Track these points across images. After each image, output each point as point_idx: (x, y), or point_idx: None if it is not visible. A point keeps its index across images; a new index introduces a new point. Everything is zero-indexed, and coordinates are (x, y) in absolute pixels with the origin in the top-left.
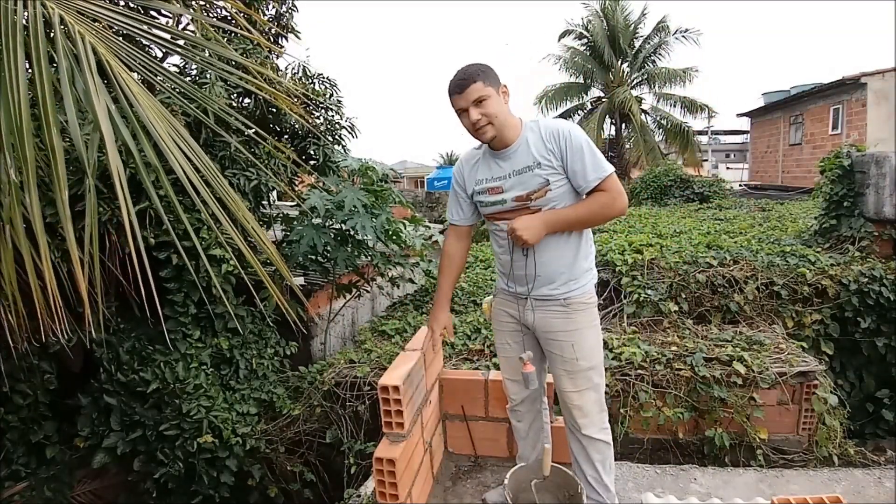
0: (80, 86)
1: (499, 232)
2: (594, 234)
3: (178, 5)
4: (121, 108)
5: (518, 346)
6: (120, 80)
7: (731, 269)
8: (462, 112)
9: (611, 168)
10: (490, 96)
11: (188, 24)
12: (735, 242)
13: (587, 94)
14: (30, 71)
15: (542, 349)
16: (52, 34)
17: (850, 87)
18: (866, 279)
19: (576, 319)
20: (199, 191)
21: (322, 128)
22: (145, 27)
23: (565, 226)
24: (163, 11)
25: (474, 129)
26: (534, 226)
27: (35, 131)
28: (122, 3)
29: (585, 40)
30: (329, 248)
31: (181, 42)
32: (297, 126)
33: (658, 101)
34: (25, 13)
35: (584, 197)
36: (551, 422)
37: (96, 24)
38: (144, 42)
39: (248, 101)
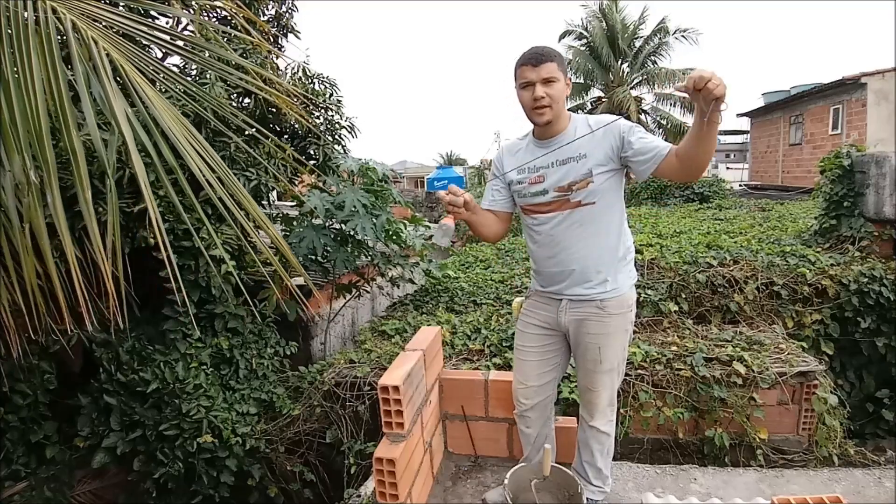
0: (96, 89)
1: (535, 226)
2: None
3: (179, 5)
4: (136, 111)
5: (537, 353)
6: (135, 84)
7: (731, 269)
8: (527, 86)
9: (662, 143)
10: (559, 80)
11: (187, 24)
12: (735, 242)
13: (587, 94)
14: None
15: (568, 354)
16: (63, 38)
17: (850, 87)
18: (866, 279)
19: (609, 323)
20: (216, 189)
21: (322, 128)
22: (145, 28)
23: (713, 137)
24: (163, 11)
25: (534, 107)
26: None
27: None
28: (121, 4)
29: (585, 40)
30: (329, 248)
31: (180, 43)
32: (296, 126)
33: (658, 102)
34: (35, 15)
35: (639, 180)
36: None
37: (97, 24)
38: (144, 42)
39: (248, 100)
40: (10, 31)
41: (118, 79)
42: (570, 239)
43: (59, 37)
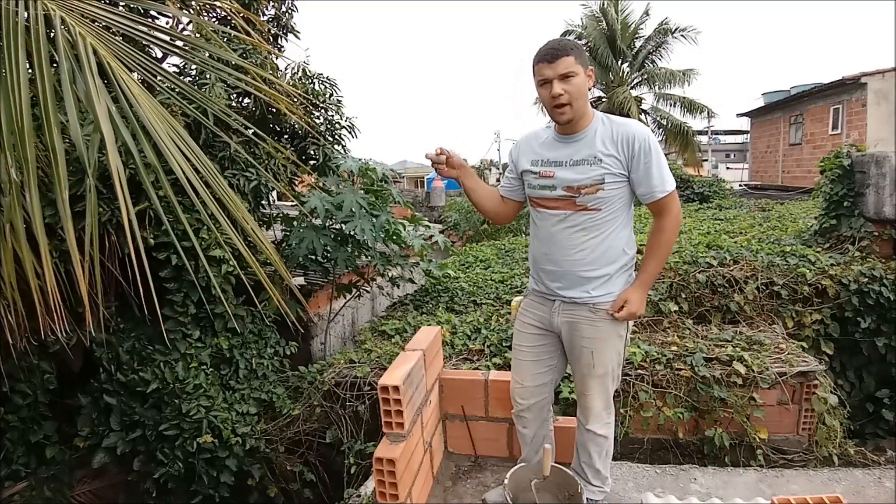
0: (81, 86)
1: (538, 220)
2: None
3: (179, 4)
4: (121, 109)
5: (533, 353)
6: (120, 82)
7: (731, 269)
8: (545, 83)
9: (673, 183)
10: (578, 74)
11: (189, 23)
12: (735, 242)
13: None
14: (31, 71)
15: (564, 355)
16: (52, 35)
17: (850, 87)
18: (866, 279)
19: (601, 328)
20: (199, 191)
21: (322, 128)
22: (144, 28)
23: (658, 271)
24: (163, 12)
25: (553, 105)
26: (643, 298)
27: (35, 131)
28: (121, 4)
29: (585, 41)
30: (329, 248)
31: (180, 43)
32: (296, 126)
33: (658, 102)
34: (27, 14)
35: (630, 201)
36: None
37: (95, 24)
38: (144, 43)
39: (248, 101)
40: None
41: (104, 77)
42: (568, 241)
43: (47, 31)
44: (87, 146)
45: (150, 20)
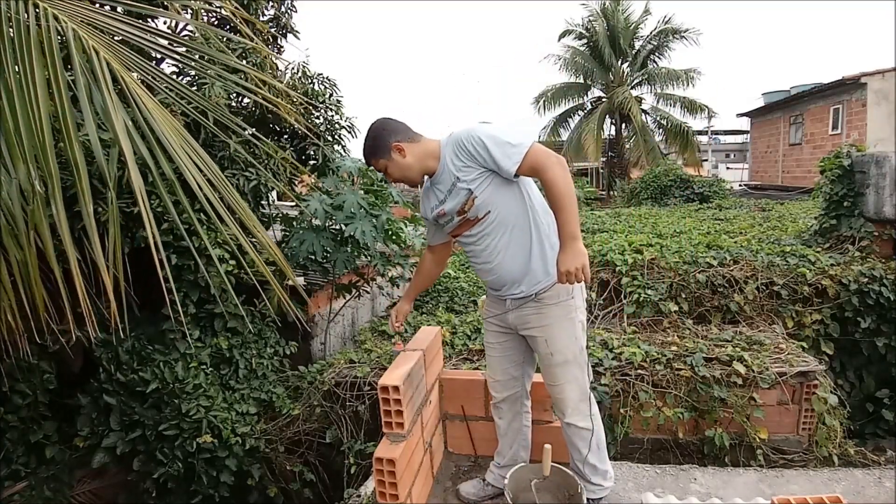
0: (97, 100)
1: (462, 247)
2: (594, 234)
3: (179, 4)
4: (132, 116)
5: (499, 349)
6: (135, 96)
7: (731, 269)
8: None
9: (523, 144)
10: (387, 166)
11: (190, 20)
12: (735, 242)
13: (587, 94)
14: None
15: (530, 351)
16: (64, 46)
17: (850, 87)
18: (866, 279)
19: (547, 314)
20: (211, 200)
21: (322, 128)
22: (145, 34)
23: (575, 219)
24: (161, 15)
25: None
26: (574, 252)
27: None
28: (119, 8)
29: (585, 40)
30: (329, 249)
31: (179, 47)
32: (296, 126)
33: (658, 102)
34: (38, 24)
35: (515, 180)
36: (551, 421)
37: (97, 30)
38: (141, 46)
39: (248, 100)
40: (11, 33)
41: (117, 86)
42: (485, 251)
43: (59, 37)
44: (108, 160)
45: (147, 23)
